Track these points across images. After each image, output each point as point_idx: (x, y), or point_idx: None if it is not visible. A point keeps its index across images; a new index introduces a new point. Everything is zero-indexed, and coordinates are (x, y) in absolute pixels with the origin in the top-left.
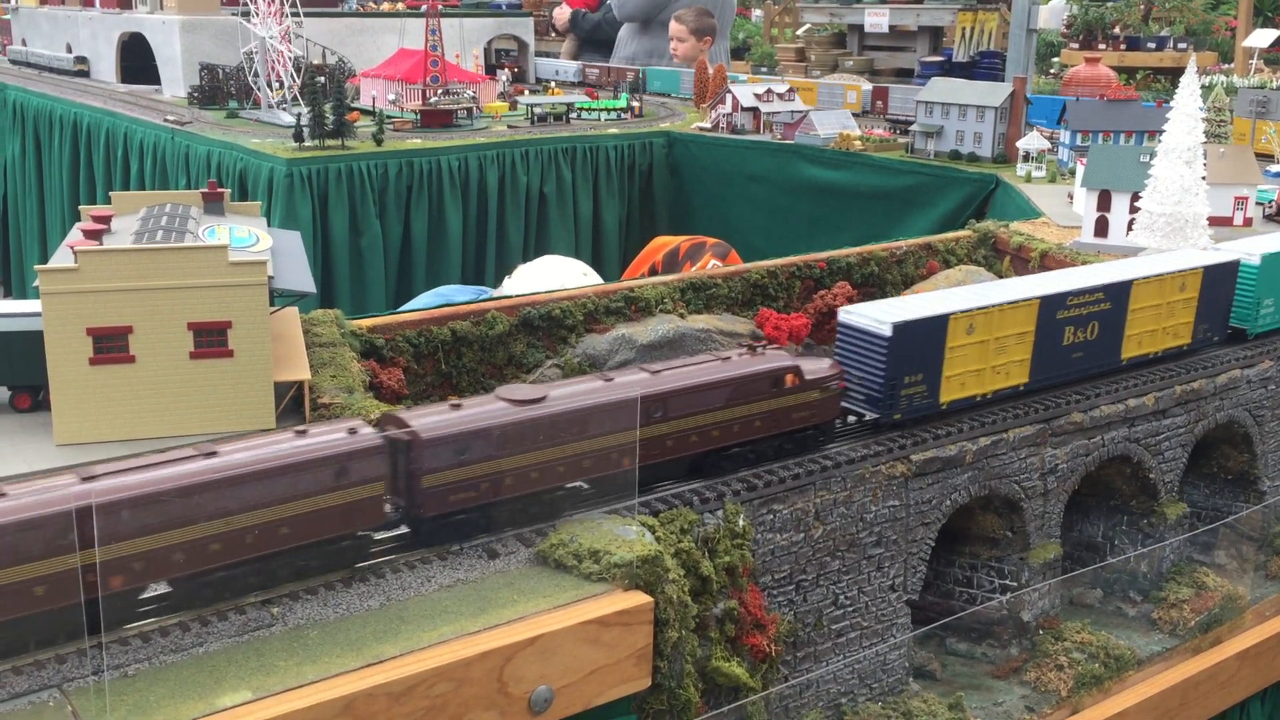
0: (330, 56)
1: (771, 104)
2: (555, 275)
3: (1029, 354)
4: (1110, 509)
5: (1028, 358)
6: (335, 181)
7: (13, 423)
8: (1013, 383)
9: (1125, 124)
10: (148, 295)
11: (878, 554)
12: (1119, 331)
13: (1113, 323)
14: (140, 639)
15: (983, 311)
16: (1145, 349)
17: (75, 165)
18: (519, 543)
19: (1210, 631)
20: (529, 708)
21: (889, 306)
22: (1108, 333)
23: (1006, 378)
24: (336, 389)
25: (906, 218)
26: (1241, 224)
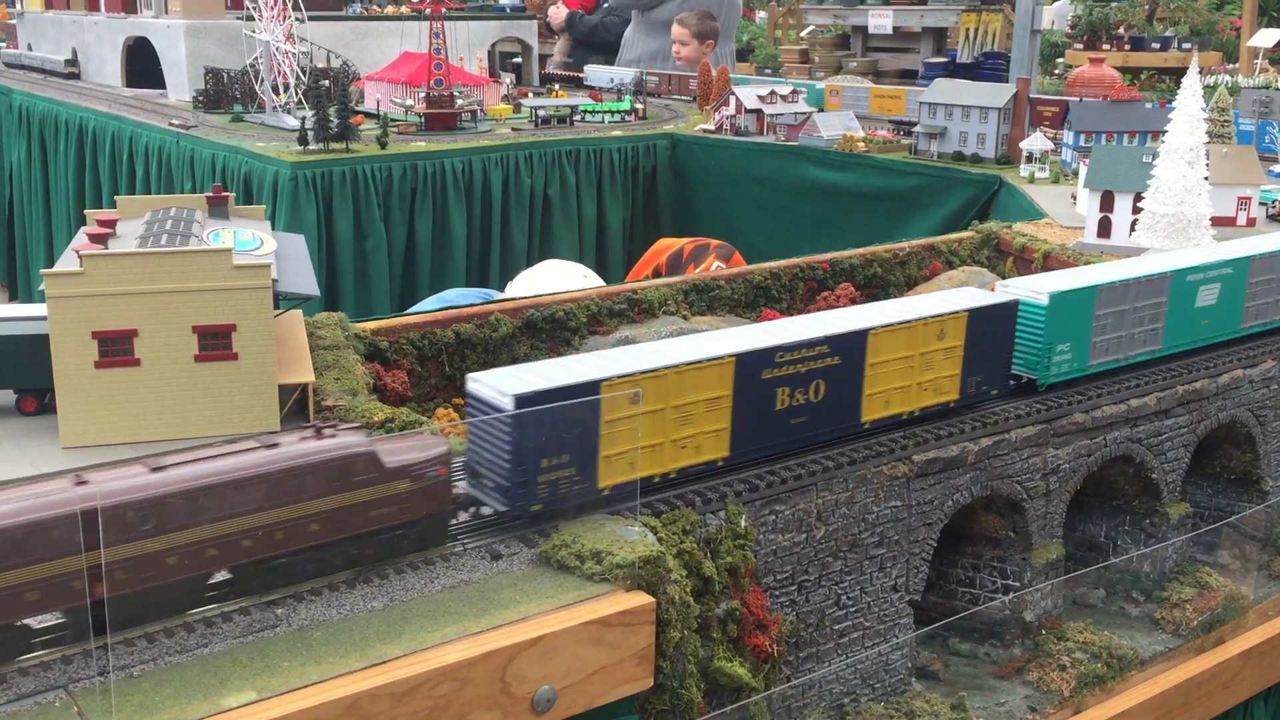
0: (334, 60)
1: (775, 106)
2: (556, 279)
3: (727, 423)
4: (1113, 509)
5: (726, 427)
6: (340, 185)
7: (19, 426)
8: (706, 458)
9: (1129, 125)
10: (152, 299)
11: (880, 554)
12: (856, 390)
13: (846, 380)
14: (145, 639)
15: (653, 375)
16: (895, 409)
17: (81, 169)
18: (521, 544)
19: (1213, 631)
20: (532, 708)
21: (528, 372)
22: (840, 392)
23: (697, 453)
24: (340, 391)
25: (910, 219)
26: (1245, 224)
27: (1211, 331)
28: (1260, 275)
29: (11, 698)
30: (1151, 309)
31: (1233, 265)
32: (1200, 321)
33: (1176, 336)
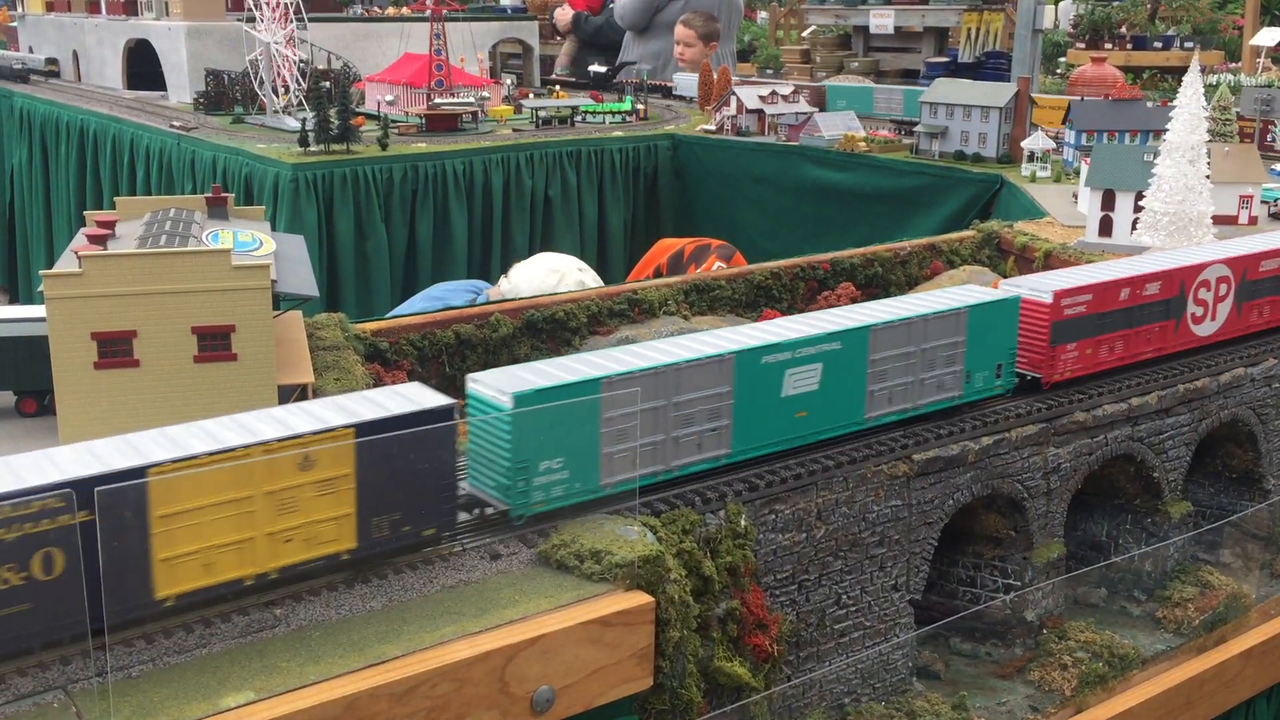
0: (335, 61)
1: (776, 106)
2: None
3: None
4: (1114, 508)
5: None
6: (340, 186)
7: (18, 427)
8: None
9: (1130, 123)
10: (152, 299)
11: (880, 554)
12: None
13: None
14: (144, 640)
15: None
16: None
17: (81, 171)
18: (520, 543)
19: (1215, 630)
20: (531, 708)
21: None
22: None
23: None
24: (340, 392)
25: (911, 218)
26: (1247, 222)
27: (814, 426)
28: (887, 350)
29: (10, 698)
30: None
31: (842, 339)
32: (795, 414)
33: (754, 436)
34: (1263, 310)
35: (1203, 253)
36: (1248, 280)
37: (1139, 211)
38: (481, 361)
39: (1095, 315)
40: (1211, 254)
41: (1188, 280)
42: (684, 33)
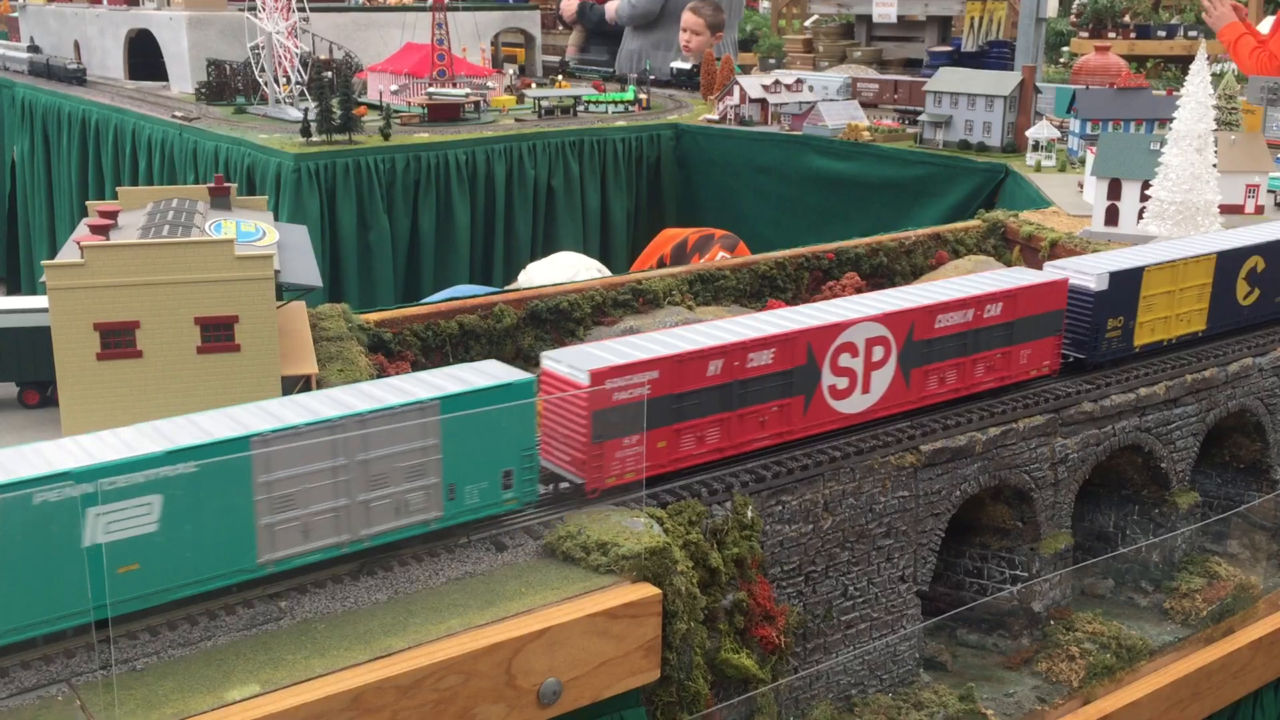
0: (337, 51)
1: (779, 95)
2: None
3: None
4: (1121, 499)
5: None
6: (343, 176)
7: (21, 419)
8: None
9: (1135, 112)
10: (154, 290)
11: (887, 545)
12: None
13: None
14: (148, 632)
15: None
16: None
17: (84, 162)
18: (527, 535)
19: (1223, 621)
20: (537, 700)
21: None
22: None
23: None
24: (344, 383)
25: (915, 208)
26: (1253, 211)
27: None
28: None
29: (13, 691)
30: None
31: None
32: None
33: None
34: (944, 376)
35: (848, 308)
36: (916, 340)
37: (1145, 201)
38: (485, 352)
39: (670, 398)
40: (860, 309)
41: (819, 344)
42: (692, 20)
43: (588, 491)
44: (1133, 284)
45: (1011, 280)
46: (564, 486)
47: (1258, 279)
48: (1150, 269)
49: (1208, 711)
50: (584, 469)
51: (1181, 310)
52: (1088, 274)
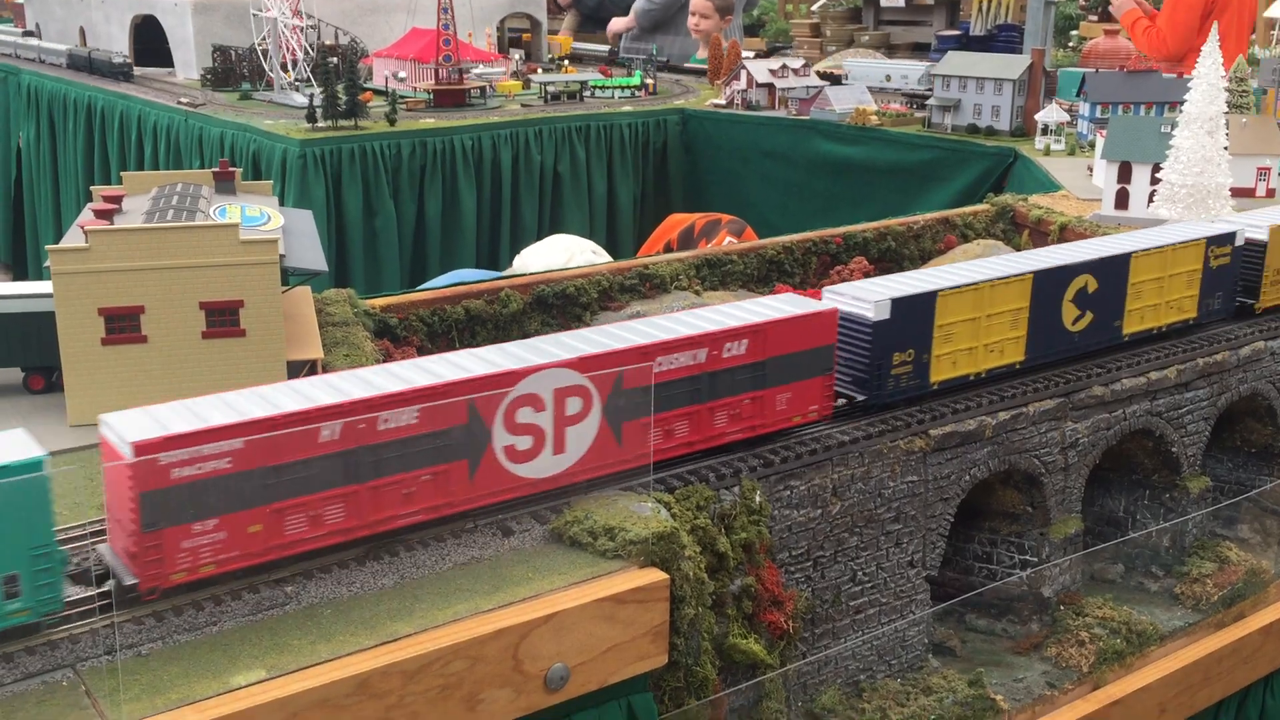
0: (342, 37)
1: (786, 80)
2: (563, 254)
3: None
4: (1132, 483)
5: None
6: (349, 162)
7: (27, 404)
8: None
9: (1145, 96)
10: (159, 275)
11: (896, 530)
12: None
13: None
14: (154, 618)
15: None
16: None
17: (89, 148)
18: (533, 520)
19: (1233, 606)
20: (544, 685)
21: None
22: None
23: None
24: (349, 368)
25: (924, 192)
26: (1264, 195)
27: None
28: None
29: (19, 676)
30: None
31: None
32: None
33: None
34: (670, 429)
35: (538, 351)
36: (628, 389)
37: (1156, 184)
38: (491, 337)
39: (265, 471)
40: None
41: (488, 399)
42: (701, 4)
43: (142, 592)
44: (923, 312)
45: (762, 313)
46: (108, 587)
47: (1089, 301)
48: (946, 294)
49: (1218, 696)
50: (136, 562)
51: (991, 340)
52: (864, 302)
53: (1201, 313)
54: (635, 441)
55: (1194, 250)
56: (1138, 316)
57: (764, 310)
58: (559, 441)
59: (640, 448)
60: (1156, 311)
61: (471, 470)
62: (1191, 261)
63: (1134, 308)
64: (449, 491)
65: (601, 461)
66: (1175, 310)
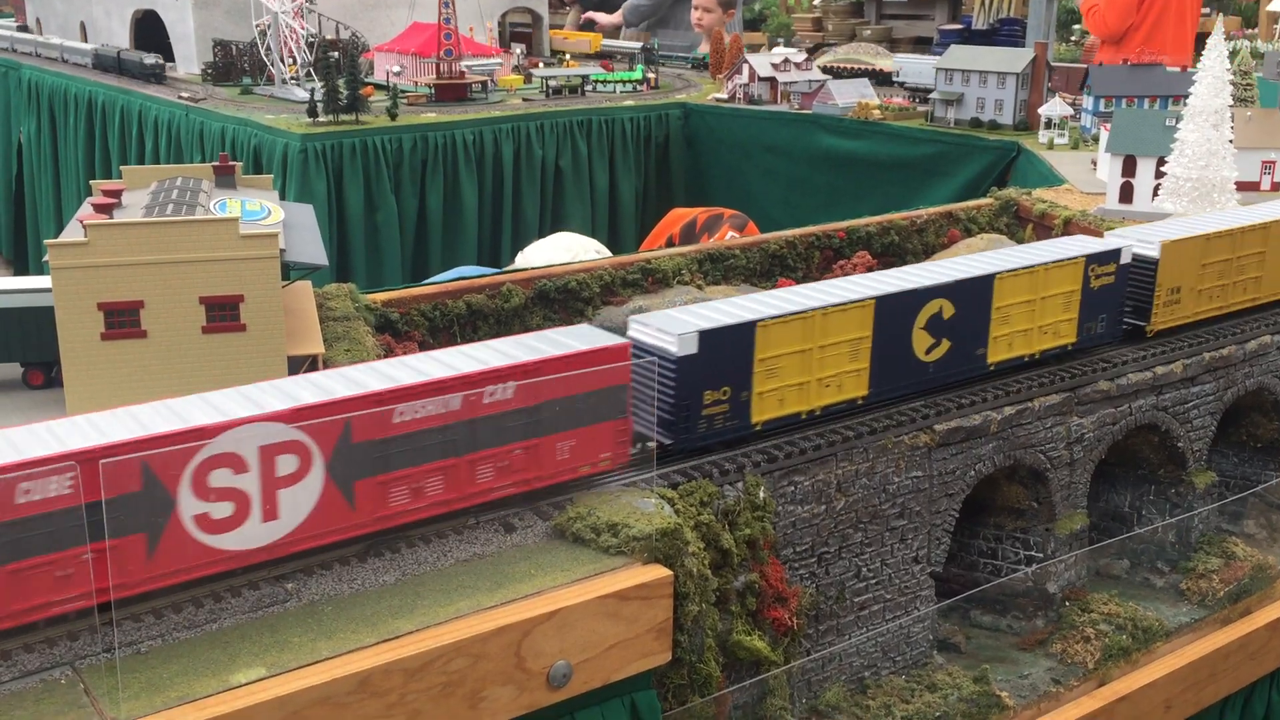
0: (343, 31)
1: (789, 74)
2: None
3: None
4: (1138, 478)
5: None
6: (350, 157)
7: (26, 399)
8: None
9: (1149, 89)
10: (159, 269)
11: (901, 525)
12: None
13: None
14: (153, 615)
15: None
16: None
17: (90, 143)
18: (536, 516)
19: (1240, 602)
20: (547, 683)
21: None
22: None
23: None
24: (350, 363)
25: (927, 187)
26: (1269, 189)
27: None
28: None
29: (17, 675)
30: None
31: None
32: None
33: None
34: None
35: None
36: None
37: (1160, 177)
38: (493, 332)
39: None
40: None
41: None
42: None
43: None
44: (740, 344)
45: (539, 349)
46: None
47: (945, 328)
48: (767, 324)
49: (1224, 693)
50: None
51: (827, 374)
52: (668, 334)
53: (1082, 337)
54: (372, 501)
55: (1071, 270)
56: (1005, 343)
57: (541, 346)
58: (269, 507)
59: (379, 509)
60: (1028, 338)
61: (151, 547)
62: (1068, 282)
63: (1000, 334)
64: (124, 571)
65: (325, 528)
66: (1051, 336)
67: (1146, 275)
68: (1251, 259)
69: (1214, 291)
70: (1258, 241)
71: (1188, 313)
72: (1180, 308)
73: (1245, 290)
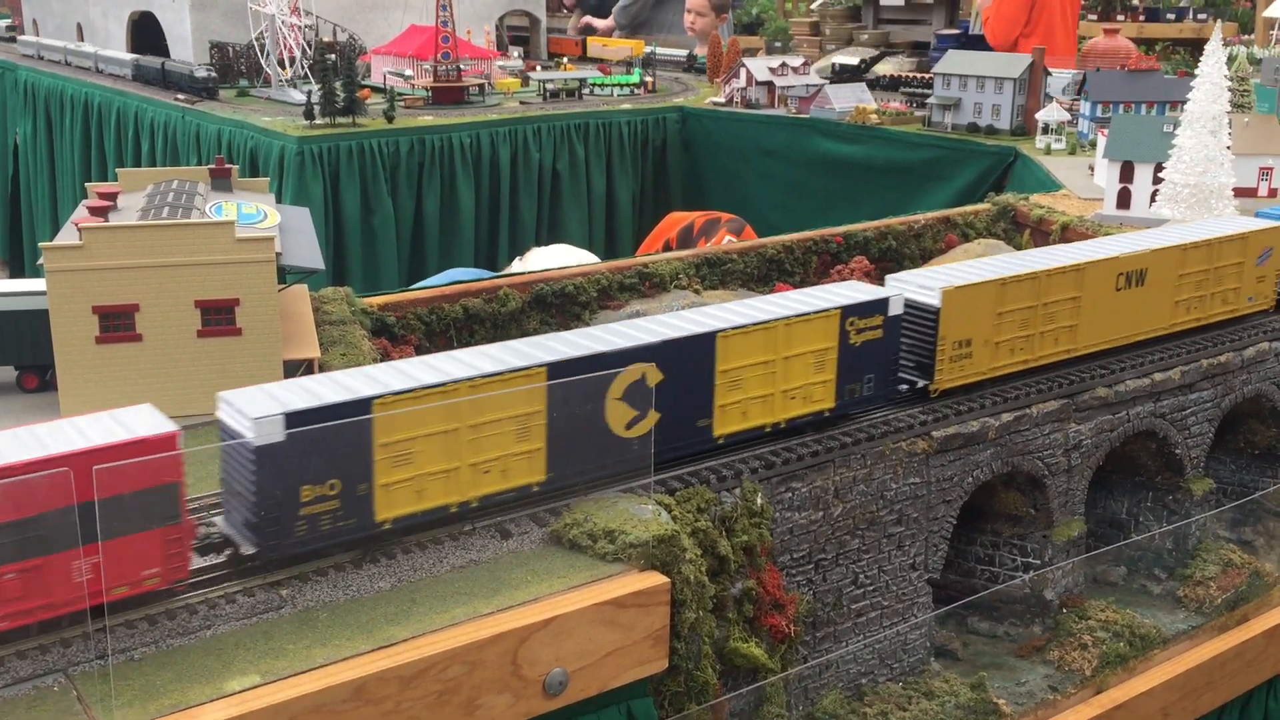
0: (340, 34)
1: (786, 78)
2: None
3: None
4: (1135, 485)
5: None
6: (346, 159)
7: (20, 403)
8: None
9: (1146, 95)
10: (154, 272)
11: (898, 532)
12: None
13: None
14: (147, 622)
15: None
16: None
17: (86, 145)
18: (532, 522)
19: (1237, 609)
20: (543, 690)
21: None
22: None
23: None
24: (345, 367)
25: (924, 191)
26: (1266, 195)
27: None
28: None
29: (9, 681)
30: None
31: None
32: None
33: None
34: None
35: None
36: None
37: (1158, 183)
38: (490, 335)
39: None
40: None
41: None
42: (697, 2)
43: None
44: (353, 427)
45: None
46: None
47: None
48: (386, 400)
49: (1221, 700)
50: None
51: (484, 458)
52: (245, 418)
53: (843, 401)
54: None
55: (822, 324)
56: (737, 414)
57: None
58: None
59: None
60: (768, 405)
61: None
62: (819, 338)
63: (729, 402)
64: None
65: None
66: (800, 401)
67: (927, 326)
68: (1063, 305)
69: (1016, 344)
70: (1069, 286)
71: (983, 368)
72: (973, 363)
73: (1058, 341)
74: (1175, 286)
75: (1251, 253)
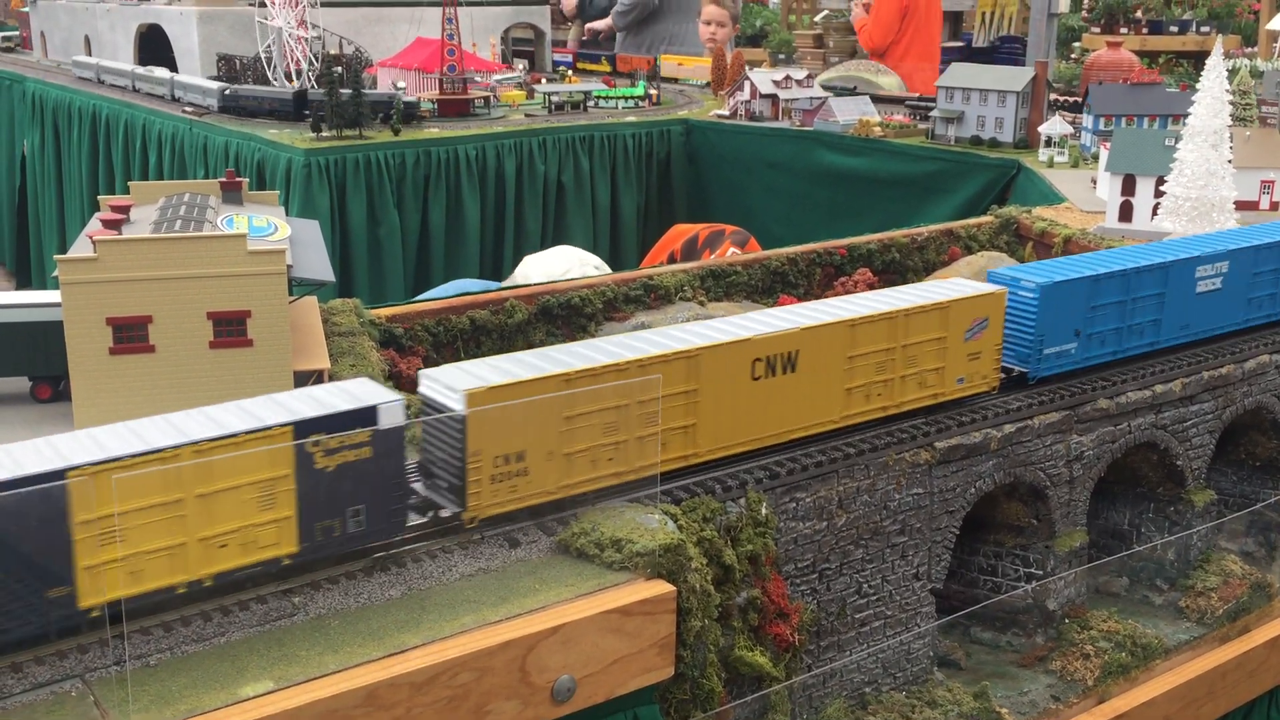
0: (347, 46)
1: (790, 90)
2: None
3: None
4: (1137, 496)
5: None
6: (353, 171)
7: (34, 413)
8: None
9: (1149, 108)
10: (167, 285)
11: (901, 542)
12: None
13: None
14: (162, 629)
15: None
16: None
17: (94, 157)
18: (540, 531)
19: (1238, 620)
20: (551, 697)
21: None
22: None
23: None
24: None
25: (927, 204)
26: (1268, 208)
27: None
28: None
29: (28, 687)
30: None
31: None
32: None
33: None
34: None
35: None
36: None
37: (1160, 197)
38: (497, 347)
39: None
40: None
41: None
42: (716, 12)
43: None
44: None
45: None
46: None
47: None
48: None
49: (1223, 710)
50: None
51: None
52: None
53: (310, 545)
54: None
55: (270, 456)
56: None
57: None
58: None
59: None
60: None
61: None
62: (260, 468)
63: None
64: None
65: None
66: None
67: (451, 440)
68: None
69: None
70: (679, 377)
71: (550, 486)
72: (531, 481)
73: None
74: (845, 372)
75: (956, 325)
